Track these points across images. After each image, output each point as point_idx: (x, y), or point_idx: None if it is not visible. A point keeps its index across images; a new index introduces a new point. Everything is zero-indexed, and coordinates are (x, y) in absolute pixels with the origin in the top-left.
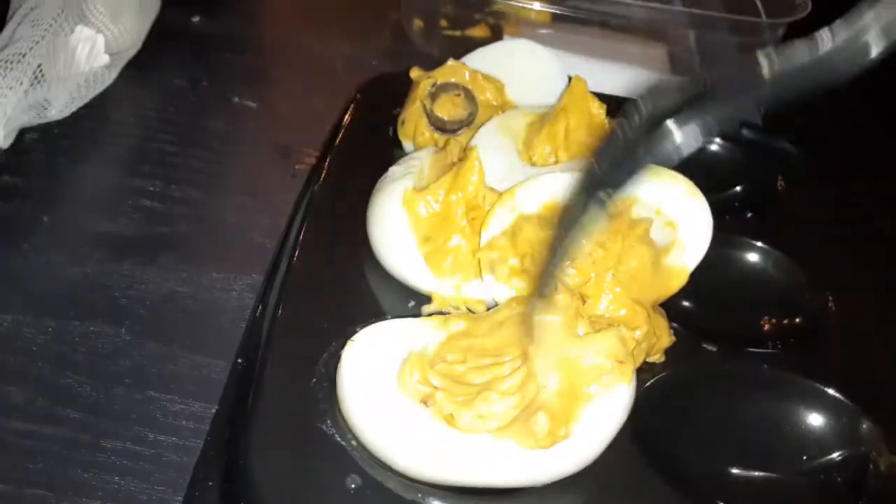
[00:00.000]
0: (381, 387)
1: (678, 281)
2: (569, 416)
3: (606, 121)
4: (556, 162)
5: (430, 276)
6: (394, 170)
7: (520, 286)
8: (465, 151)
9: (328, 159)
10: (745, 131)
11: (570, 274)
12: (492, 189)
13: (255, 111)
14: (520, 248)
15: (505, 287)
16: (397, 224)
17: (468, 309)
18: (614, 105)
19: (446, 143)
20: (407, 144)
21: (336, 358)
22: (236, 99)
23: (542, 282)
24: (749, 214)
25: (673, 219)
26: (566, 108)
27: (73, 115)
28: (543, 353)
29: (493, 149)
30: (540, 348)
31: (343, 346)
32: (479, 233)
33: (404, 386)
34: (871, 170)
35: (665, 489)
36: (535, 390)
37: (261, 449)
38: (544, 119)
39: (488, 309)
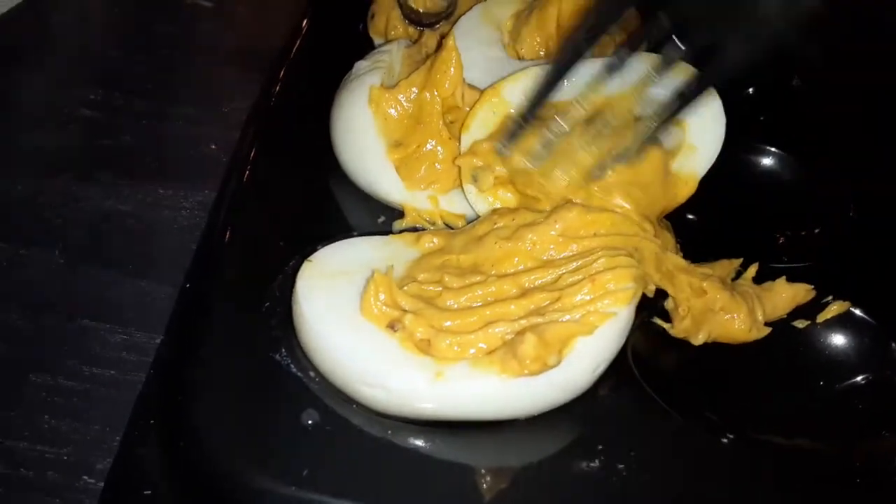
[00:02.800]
0: (342, 311)
1: (686, 189)
2: (561, 343)
3: None
4: (546, 54)
5: (401, 187)
6: (359, 65)
7: (505, 197)
8: (441, 42)
9: (288, 59)
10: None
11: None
12: (472, 87)
13: (210, 11)
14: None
15: (488, 199)
16: (363, 127)
17: (446, 224)
18: None
19: (419, 35)
20: (378, 41)
21: (292, 280)
22: None
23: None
24: (762, 118)
25: (681, 118)
26: None
27: (5, 15)
28: (535, 267)
29: (476, 42)
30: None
31: (300, 266)
32: (459, 137)
33: (368, 310)
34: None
35: (668, 418)
36: (521, 313)
37: (206, 383)
38: (533, 6)
39: (469, 223)
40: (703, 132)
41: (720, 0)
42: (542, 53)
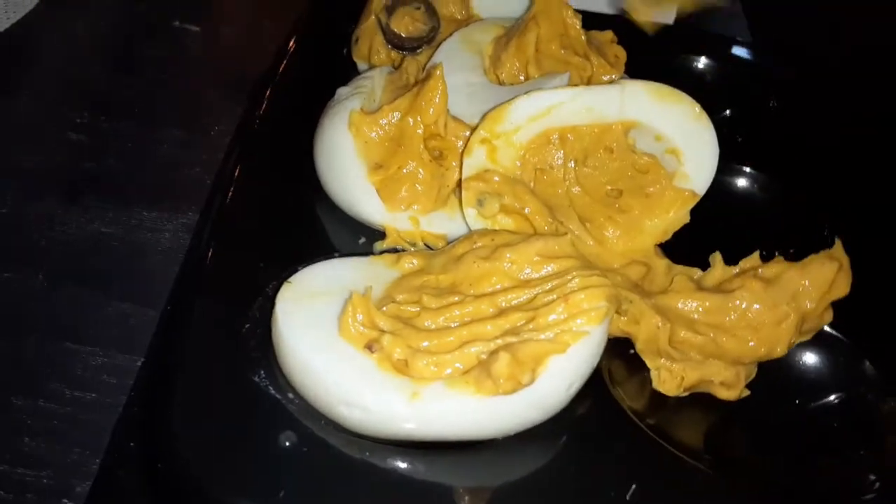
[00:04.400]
0: (320, 331)
1: (681, 220)
2: (535, 361)
3: (583, 33)
4: (526, 79)
5: (382, 208)
6: (341, 91)
7: (505, 223)
8: (428, 70)
9: (272, 83)
10: (735, 50)
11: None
12: (456, 119)
13: (197, 36)
14: (521, 194)
15: (485, 224)
16: (344, 151)
17: (426, 245)
18: (592, 20)
19: (401, 61)
20: (361, 65)
21: (272, 301)
22: (177, 22)
23: None
24: (739, 139)
25: (677, 146)
26: (536, 16)
27: None
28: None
29: (458, 67)
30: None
31: (279, 288)
32: (442, 160)
33: (346, 330)
34: (868, 88)
35: (644, 436)
36: (497, 333)
37: (185, 405)
38: (512, 31)
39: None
40: (697, 161)
41: None
42: (521, 78)
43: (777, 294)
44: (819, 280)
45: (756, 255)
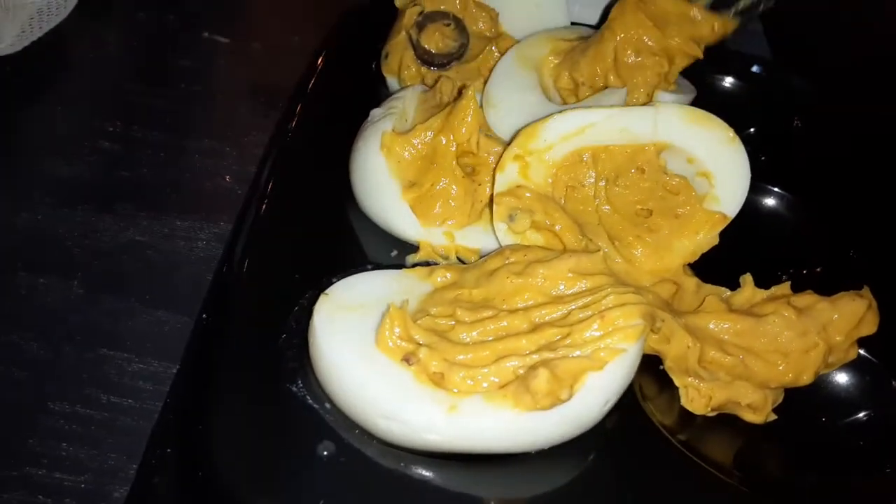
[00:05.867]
0: (357, 344)
1: (710, 242)
2: (573, 378)
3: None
4: (605, 86)
5: (417, 224)
6: (374, 112)
7: (535, 239)
8: (461, 91)
9: (304, 96)
10: (757, 68)
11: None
12: (489, 136)
13: (226, 47)
14: (552, 211)
15: (515, 239)
16: (377, 170)
17: (459, 258)
18: None
19: (436, 81)
20: (391, 80)
21: (308, 312)
22: (206, 34)
23: None
24: (762, 158)
25: (708, 169)
26: (612, 25)
27: (26, 49)
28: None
29: (515, 88)
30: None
31: (316, 299)
32: (475, 176)
33: (383, 343)
34: (893, 106)
35: (675, 452)
36: (532, 348)
37: (223, 413)
38: (589, 42)
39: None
40: (729, 184)
41: None
42: (600, 84)
43: (808, 323)
44: (849, 315)
45: (787, 284)
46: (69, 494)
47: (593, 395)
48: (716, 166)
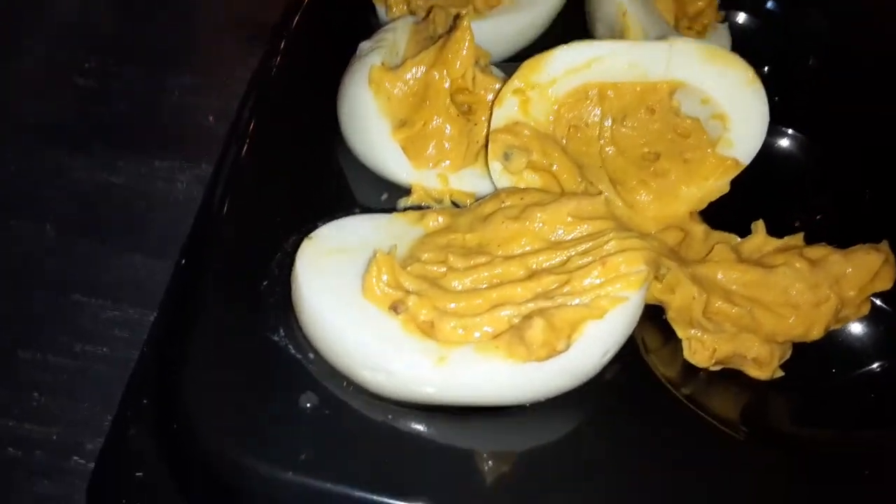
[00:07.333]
0: (343, 291)
1: (720, 189)
2: (571, 328)
3: None
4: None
5: (409, 166)
6: (363, 45)
7: (532, 180)
8: (456, 21)
9: (289, 29)
10: (772, 4)
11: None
12: (485, 72)
13: None
14: (550, 150)
15: (510, 180)
16: (366, 108)
17: (453, 202)
18: None
19: (429, 11)
20: (381, 9)
21: (291, 258)
22: None
23: None
24: (776, 98)
25: (724, 111)
26: None
27: None
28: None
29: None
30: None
31: (300, 243)
32: (471, 115)
33: (370, 290)
34: None
35: (679, 405)
36: (529, 296)
37: (202, 363)
38: None
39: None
40: (745, 128)
41: None
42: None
43: (820, 276)
44: (863, 269)
45: (800, 235)
46: (39, 446)
47: (592, 345)
48: (732, 108)
